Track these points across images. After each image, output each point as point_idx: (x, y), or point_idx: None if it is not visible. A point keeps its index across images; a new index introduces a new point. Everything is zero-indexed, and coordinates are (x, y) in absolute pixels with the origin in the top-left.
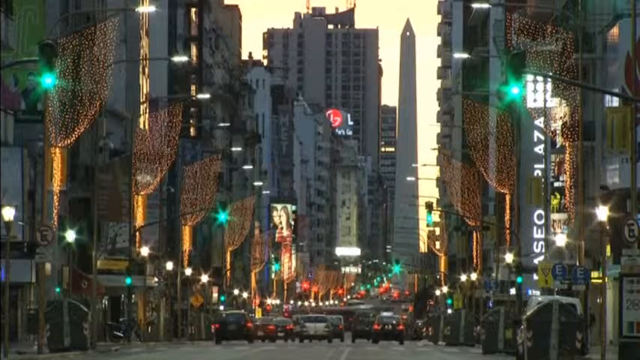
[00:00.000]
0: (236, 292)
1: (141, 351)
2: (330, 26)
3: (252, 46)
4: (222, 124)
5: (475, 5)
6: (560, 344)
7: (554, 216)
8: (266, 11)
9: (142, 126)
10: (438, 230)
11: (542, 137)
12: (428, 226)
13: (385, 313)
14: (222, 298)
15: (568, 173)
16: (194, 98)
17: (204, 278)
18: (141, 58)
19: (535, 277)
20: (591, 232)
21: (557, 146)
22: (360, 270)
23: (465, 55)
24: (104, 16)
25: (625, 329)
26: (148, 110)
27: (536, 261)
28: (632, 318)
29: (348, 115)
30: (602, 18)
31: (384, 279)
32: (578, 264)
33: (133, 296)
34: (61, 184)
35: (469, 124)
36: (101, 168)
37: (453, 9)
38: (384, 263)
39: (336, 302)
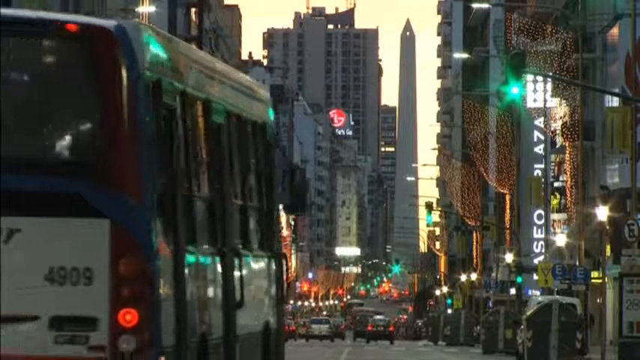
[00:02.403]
0: None
1: None
2: (330, 26)
3: (252, 46)
4: None
5: (475, 5)
6: (560, 344)
7: (554, 216)
8: (266, 11)
9: None
10: (438, 230)
11: (542, 137)
12: (428, 226)
13: (377, 317)
14: None
15: (568, 173)
16: None
17: None
18: None
19: (535, 277)
20: (591, 232)
21: (557, 146)
22: (360, 270)
23: (465, 55)
24: (104, 16)
25: (625, 329)
26: None
27: (536, 261)
28: (632, 318)
29: (350, 116)
30: (602, 18)
31: (384, 279)
32: (578, 264)
33: None
34: None
35: (469, 124)
36: None
37: (453, 9)
38: (384, 263)
39: (336, 302)
